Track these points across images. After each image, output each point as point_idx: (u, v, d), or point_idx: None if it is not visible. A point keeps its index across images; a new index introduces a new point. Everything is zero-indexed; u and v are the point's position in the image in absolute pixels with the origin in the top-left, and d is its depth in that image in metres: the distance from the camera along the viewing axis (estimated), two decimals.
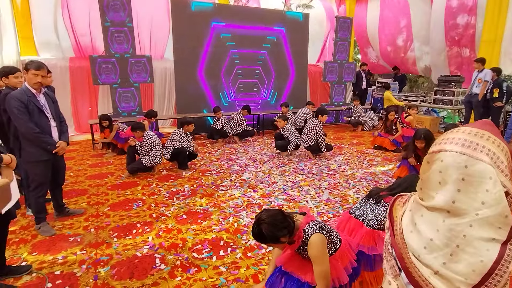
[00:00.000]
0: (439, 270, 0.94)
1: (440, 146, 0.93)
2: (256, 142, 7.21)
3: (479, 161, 0.86)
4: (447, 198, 0.90)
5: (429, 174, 0.94)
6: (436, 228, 0.93)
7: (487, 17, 7.80)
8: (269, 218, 1.72)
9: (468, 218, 0.88)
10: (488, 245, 0.87)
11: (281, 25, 8.30)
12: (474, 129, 0.91)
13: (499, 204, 0.85)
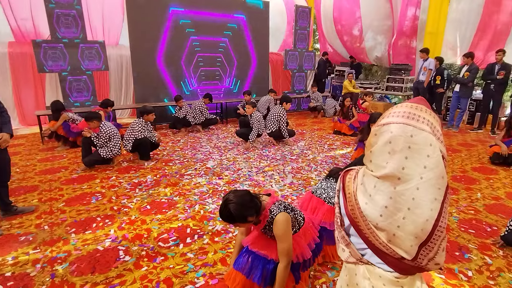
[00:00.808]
0: (395, 233, 1.02)
1: (387, 119, 1.01)
2: (220, 130, 7.16)
3: (422, 131, 0.96)
4: (397, 166, 0.98)
5: (379, 146, 1.02)
6: (389, 195, 1.01)
7: (430, 11, 8.35)
8: (236, 199, 1.74)
9: (414, 182, 0.97)
10: (431, 205, 0.97)
11: (242, 13, 8.21)
12: (414, 104, 1.00)
13: (438, 167, 0.96)
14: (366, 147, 1.09)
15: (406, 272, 1.09)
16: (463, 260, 2.58)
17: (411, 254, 1.04)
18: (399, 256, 1.05)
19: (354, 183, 1.13)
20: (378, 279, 1.10)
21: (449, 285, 2.28)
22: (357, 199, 1.09)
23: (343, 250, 1.19)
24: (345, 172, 1.20)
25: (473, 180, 4.35)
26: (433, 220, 0.98)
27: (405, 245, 1.03)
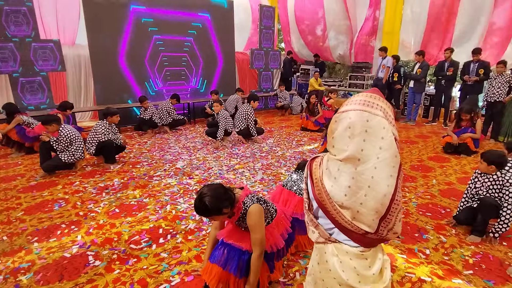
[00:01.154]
0: (359, 210, 1.12)
1: (346, 107, 1.12)
2: (188, 130, 7.08)
3: (376, 116, 1.06)
4: (357, 148, 1.08)
5: (339, 131, 1.12)
6: (352, 176, 1.10)
7: (387, 12, 8.85)
8: (211, 192, 1.77)
9: (372, 162, 1.07)
10: (388, 181, 1.08)
11: (206, 12, 8.16)
12: (369, 93, 1.12)
13: (391, 147, 1.07)
14: (328, 134, 1.18)
15: (369, 245, 1.20)
16: (421, 240, 2.80)
17: (373, 228, 1.14)
18: (363, 231, 1.15)
19: (319, 169, 1.21)
20: (345, 255, 1.20)
21: (410, 263, 2.47)
22: (323, 183, 1.17)
23: (313, 232, 1.27)
24: (311, 160, 1.28)
25: (429, 168, 4.69)
26: (390, 194, 1.09)
27: (367, 220, 1.13)
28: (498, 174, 2.78)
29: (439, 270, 2.40)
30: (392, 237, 1.20)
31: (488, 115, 6.58)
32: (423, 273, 2.35)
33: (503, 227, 2.71)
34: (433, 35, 8.74)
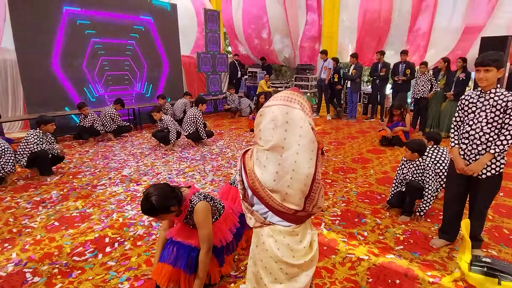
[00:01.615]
0: (287, 192, 1.24)
1: (269, 103, 1.26)
2: (135, 137, 6.81)
3: (294, 109, 1.21)
4: (280, 137, 1.21)
5: (264, 124, 1.24)
6: (278, 162, 1.23)
7: (325, 18, 9.41)
8: (157, 191, 1.78)
9: (294, 148, 1.21)
10: (309, 164, 1.23)
11: (148, 15, 7.95)
12: (289, 91, 1.27)
13: (309, 134, 1.22)
14: (255, 127, 1.29)
15: (299, 221, 1.34)
16: (360, 224, 3.07)
17: (301, 206, 1.28)
18: (293, 210, 1.28)
19: (251, 160, 1.33)
20: (279, 234, 1.32)
21: (350, 245, 2.70)
22: (255, 172, 1.29)
23: (250, 218, 1.38)
24: (244, 153, 1.38)
25: (367, 160, 5.12)
26: (312, 175, 1.24)
27: (295, 200, 1.26)
28: (420, 160, 3.16)
29: (375, 248, 2.66)
30: (317, 211, 1.35)
31: (415, 110, 7.34)
32: (362, 253, 2.59)
33: (427, 206, 3.08)
34: (367, 39, 9.49)
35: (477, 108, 2.34)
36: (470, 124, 2.38)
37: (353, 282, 2.25)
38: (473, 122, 2.36)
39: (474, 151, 2.37)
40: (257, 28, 11.72)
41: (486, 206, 2.53)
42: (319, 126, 7.85)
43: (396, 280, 2.27)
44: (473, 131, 2.36)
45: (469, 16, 7.80)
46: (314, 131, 1.25)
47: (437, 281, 2.27)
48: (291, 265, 1.32)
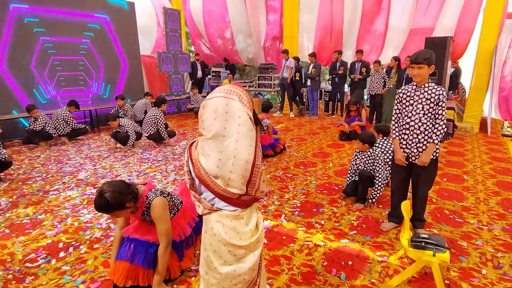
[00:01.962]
0: (229, 177, 1.31)
1: (210, 96, 1.34)
2: (92, 140, 6.54)
3: (232, 100, 1.30)
4: (221, 127, 1.29)
5: (207, 115, 1.32)
6: (220, 150, 1.30)
7: (286, 16, 9.64)
8: (112, 187, 1.76)
9: (234, 136, 1.29)
10: (248, 150, 1.31)
11: (104, 13, 7.65)
12: (229, 85, 1.36)
13: (246, 123, 1.31)
14: (198, 118, 1.36)
15: (245, 205, 1.41)
16: (318, 214, 3.22)
17: (243, 190, 1.36)
18: (237, 195, 1.35)
19: (196, 150, 1.39)
20: (226, 219, 1.39)
21: (308, 233, 2.83)
22: (200, 161, 1.35)
23: (198, 206, 1.43)
24: (190, 145, 1.44)
25: (327, 154, 5.34)
26: (251, 161, 1.32)
27: (237, 185, 1.34)
28: (371, 151, 3.38)
29: (331, 235, 2.81)
30: (261, 195, 1.44)
31: (371, 106, 7.78)
32: (318, 240, 2.73)
33: (378, 193, 3.30)
34: (326, 39, 9.83)
35: (414, 101, 2.58)
36: (409, 116, 2.61)
37: (310, 266, 2.37)
38: (412, 114, 2.59)
39: (415, 140, 2.60)
40: (220, 28, 11.72)
41: (427, 189, 2.78)
42: (283, 123, 8.04)
43: (348, 262, 2.43)
44: (412, 122, 2.59)
45: (417, 19, 8.39)
46: (252, 120, 1.34)
47: (385, 260, 2.46)
48: (238, 247, 1.39)
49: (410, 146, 2.63)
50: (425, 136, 2.57)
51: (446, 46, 6.37)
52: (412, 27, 8.50)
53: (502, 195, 3.68)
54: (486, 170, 4.53)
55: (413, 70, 2.53)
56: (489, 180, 4.13)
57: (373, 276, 2.27)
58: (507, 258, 2.47)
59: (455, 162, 4.88)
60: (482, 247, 2.63)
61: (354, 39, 9.40)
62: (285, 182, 4.10)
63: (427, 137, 2.57)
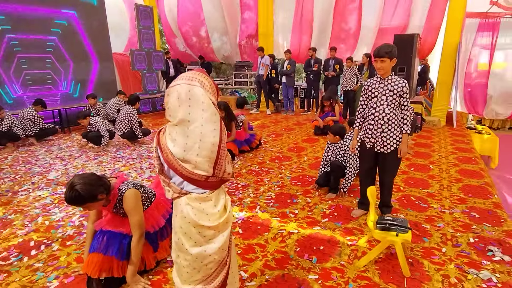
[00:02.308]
0: (196, 160, 1.37)
1: (174, 83, 1.39)
2: (62, 140, 6.34)
3: (195, 86, 1.36)
4: (185, 112, 1.35)
5: (171, 102, 1.37)
6: (186, 135, 1.36)
7: (260, 14, 9.72)
8: (83, 179, 1.76)
9: (199, 121, 1.35)
10: (213, 133, 1.38)
11: (72, 9, 7.41)
12: (191, 71, 1.41)
13: (210, 108, 1.38)
14: (165, 106, 1.41)
15: (213, 187, 1.47)
16: (292, 204, 3.33)
17: (210, 172, 1.42)
18: (204, 176, 1.41)
19: (164, 136, 1.44)
20: (195, 201, 1.44)
21: (282, 223, 2.93)
22: (167, 146, 1.40)
23: (168, 191, 1.48)
24: (158, 132, 1.49)
25: (302, 148, 5.48)
26: (217, 143, 1.39)
27: (204, 167, 1.40)
28: (342, 143, 3.53)
29: (304, 223, 2.92)
30: (228, 177, 1.50)
31: (345, 102, 8.02)
32: (292, 228, 2.83)
33: (348, 183, 3.45)
34: (302, 37, 9.99)
35: (379, 93, 2.72)
36: (374, 107, 2.75)
37: (283, 252, 2.46)
38: (377, 105, 2.73)
39: (379, 130, 2.74)
40: (195, 25, 11.63)
41: (392, 177, 2.93)
42: (259, 120, 8.13)
43: (320, 247, 2.54)
44: (377, 112, 2.73)
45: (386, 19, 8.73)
46: (215, 105, 1.41)
47: (355, 243, 2.59)
48: (207, 228, 1.44)
49: (376, 136, 2.78)
50: (389, 126, 2.71)
51: (413, 43, 6.66)
52: (382, 26, 8.83)
53: (464, 181, 3.93)
54: (450, 159, 4.81)
55: (377, 63, 2.68)
56: (453, 169, 4.39)
57: (343, 259, 2.40)
58: (465, 237, 2.67)
59: (422, 153, 5.15)
60: (443, 229, 2.82)
61: (328, 37, 9.63)
62: (260, 175, 4.18)
63: (391, 127, 2.71)
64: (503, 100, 9.03)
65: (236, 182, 3.95)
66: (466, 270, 2.25)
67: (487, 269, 2.25)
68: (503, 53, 9.10)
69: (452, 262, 2.34)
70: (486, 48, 9.11)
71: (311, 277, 2.19)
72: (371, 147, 2.83)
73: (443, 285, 2.10)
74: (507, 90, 8.87)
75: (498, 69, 9.18)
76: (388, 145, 2.74)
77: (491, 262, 2.33)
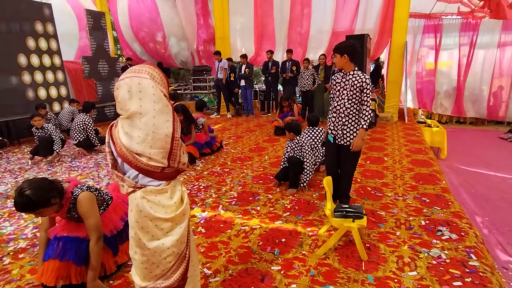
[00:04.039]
0: (150, 152, 1.38)
1: (122, 77, 1.39)
2: (11, 153, 5.90)
3: (144, 78, 1.37)
4: (137, 105, 1.36)
5: (121, 95, 1.37)
6: (139, 127, 1.37)
7: (216, 20, 9.76)
8: (33, 184, 1.70)
9: (151, 113, 1.37)
10: (166, 125, 1.40)
11: None
12: (140, 65, 1.42)
13: (161, 99, 1.40)
14: (115, 100, 1.40)
15: (169, 178, 1.49)
16: (254, 201, 3.40)
17: (165, 163, 1.44)
18: (160, 168, 1.42)
19: (116, 130, 1.43)
20: (150, 194, 1.45)
21: (244, 219, 2.99)
22: (121, 140, 1.40)
23: (122, 186, 1.47)
24: (110, 127, 1.48)
25: (263, 149, 5.58)
26: (170, 134, 1.41)
27: (159, 158, 1.41)
28: (298, 139, 3.67)
29: (266, 218, 3.00)
30: (183, 167, 1.52)
31: (303, 102, 8.28)
32: (254, 224, 2.89)
33: (308, 177, 3.58)
34: (263, 41, 10.15)
35: (341, 87, 2.87)
36: (336, 100, 2.90)
37: (246, 247, 2.52)
38: (339, 99, 2.88)
39: (340, 123, 2.89)
40: (151, 31, 11.39)
41: (351, 168, 3.07)
42: (220, 124, 8.14)
43: (282, 239, 2.63)
44: (338, 106, 2.88)
45: (339, 22, 9.20)
46: (167, 97, 1.43)
47: (316, 233, 2.71)
48: (164, 220, 1.45)
49: (337, 128, 2.92)
50: (349, 120, 2.85)
51: (363, 43, 7.05)
52: (335, 30, 9.28)
53: (415, 170, 4.24)
54: (403, 151, 5.16)
55: (334, 58, 2.86)
56: (405, 159, 4.72)
57: (304, 249, 2.50)
58: (417, 220, 2.89)
59: (377, 147, 5.48)
60: (397, 214, 3.03)
61: (285, 40, 9.92)
62: (222, 176, 4.21)
63: (351, 120, 2.85)
64: (448, 95, 10.02)
65: (198, 184, 3.94)
66: (418, 250, 2.44)
67: (437, 247, 2.46)
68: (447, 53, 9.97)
69: (405, 243, 2.52)
70: (432, 49, 10.00)
71: (274, 268, 2.26)
72: (333, 139, 2.96)
73: (397, 265, 2.27)
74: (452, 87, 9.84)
75: (444, 67, 10.11)
76: (347, 138, 2.89)
77: (440, 241, 2.54)
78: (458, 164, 6.46)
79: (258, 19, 9.84)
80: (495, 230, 3.85)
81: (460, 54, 9.70)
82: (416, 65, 10.46)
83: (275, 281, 2.13)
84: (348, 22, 9.14)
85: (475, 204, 4.61)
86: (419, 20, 10.12)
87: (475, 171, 6.04)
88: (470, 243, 2.50)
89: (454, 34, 9.71)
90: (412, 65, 10.44)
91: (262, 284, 2.11)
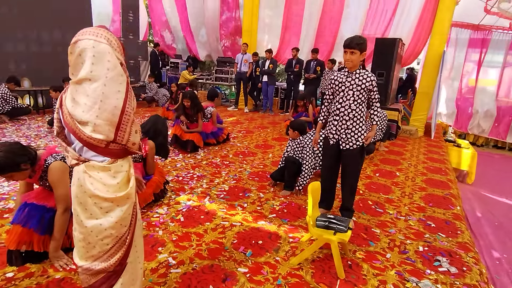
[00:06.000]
0: (95, 122, 1.28)
1: (75, 39, 1.28)
2: (34, 120, 6.19)
3: (100, 43, 1.27)
4: (88, 70, 1.26)
5: (73, 59, 1.27)
6: (86, 94, 1.27)
7: (245, 13, 9.63)
8: (4, 147, 1.69)
9: (102, 80, 1.27)
10: (117, 96, 1.30)
11: None
12: (95, 27, 1.31)
13: (116, 68, 1.28)
14: (69, 64, 1.29)
15: (115, 155, 1.38)
16: (244, 198, 3.26)
17: (111, 137, 1.32)
18: (104, 142, 1.32)
19: (65, 97, 1.35)
20: (93, 169, 1.35)
21: (227, 214, 2.87)
22: (67, 106, 1.31)
23: (67, 157, 1.39)
24: (62, 92, 1.39)
25: (270, 146, 5.42)
26: (120, 106, 1.31)
27: (104, 131, 1.30)
28: (301, 139, 3.48)
29: (249, 217, 2.86)
30: (134, 148, 1.41)
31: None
32: (236, 220, 2.76)
33: (304, 180, 3.39)
34: (286, 36, 9.93)
35: (346, 87, 2.64)
36: (340, 102, 2.68)
37: (219, 243, 2.40)
38: (343, 100, 2.66)
39: (343, 126, 2.69)
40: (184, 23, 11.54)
41: (355, 177, 2.84)
42: (235, 117, 8.05)
43: (259, 241, 2.48)
44: (342, 108, 2.67)
45: (370, 26, 8.78)
46: (124, 66, 1.33)
47: (297, 241, 2.53)
48: (104, 199, 1.36)
49: (340, 132, 2.71)
50: (354, 123, 2.65)
51: (394, 47, 6.63)
52: (367, 34, 8.86)
53: (428, 190, 3.89)
54: (419, 168, 4.77)
55: (346, 55, 2.58)
56: (419, 177, 4.35)
57: (279, 255, 2.33)
58: (414, 245, 2.61)
59: (391, 160, 5.13)
60: (393, 235, 2.76)
61: (312, 38, 9.61)
62: (219, 168, 4.11)
63: (356, 123, 2.65)
64: (489, 116, 9.27)
65: (192, 172, 3.87)
66: (406, 277, 2.19)
67: (430, 279, 2.19)
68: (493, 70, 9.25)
69: (393, 268, 2.28)
70: (476, 64, 9.32)
71: (240, 270, 2.12)
72: (334, 144, 2.76)
73: None
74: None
75: (487, 86, 9.40)
76: (352, 141, 2.69)
77: (435, 272, 2.27)
78: (485, 191, 5.88)
79: (288, 14, 9.61)
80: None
81: (506, 73, 8.97)
82: (460, 82, 9.82)
83: (237, 284, 1.99)
84: (382, 27, 8.71)
85: (496, 238, 4.12)
86: (466, 31, 9.43)
87: (503, 201, 5.45)
88: (471, 281, 2.20)
89: (502, 52, 8.98)
90: (453, 80, 9.81)
91: (222, 284, 1.98)
